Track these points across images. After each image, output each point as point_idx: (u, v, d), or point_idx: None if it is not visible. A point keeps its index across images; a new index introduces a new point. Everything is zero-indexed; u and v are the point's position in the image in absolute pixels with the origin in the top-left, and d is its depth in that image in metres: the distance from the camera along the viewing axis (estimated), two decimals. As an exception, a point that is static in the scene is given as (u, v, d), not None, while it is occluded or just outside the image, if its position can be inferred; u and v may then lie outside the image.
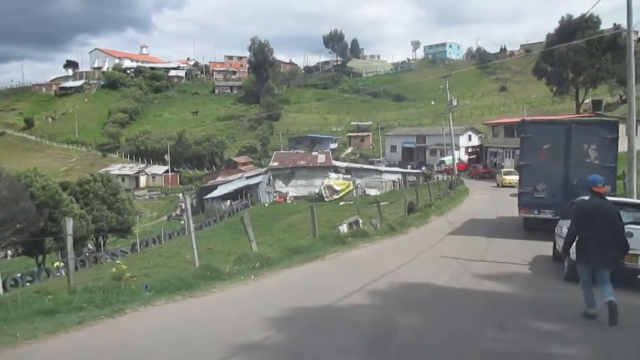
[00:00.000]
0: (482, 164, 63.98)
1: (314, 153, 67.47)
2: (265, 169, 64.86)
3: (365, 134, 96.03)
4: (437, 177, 55.27)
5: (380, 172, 61.13)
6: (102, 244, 38.25)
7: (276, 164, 62.38)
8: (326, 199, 57.13)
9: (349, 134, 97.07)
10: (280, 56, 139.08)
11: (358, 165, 63.18)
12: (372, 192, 59.11)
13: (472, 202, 35.43)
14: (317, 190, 58.89)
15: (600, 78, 71.77)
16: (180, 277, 9.92)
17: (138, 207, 75.42)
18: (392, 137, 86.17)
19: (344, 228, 17.98)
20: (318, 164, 60.96)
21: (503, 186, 48.71)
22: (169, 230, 48.10)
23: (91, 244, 39.35)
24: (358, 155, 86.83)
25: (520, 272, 11.97)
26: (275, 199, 59.39)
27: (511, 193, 44.77)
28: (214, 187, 64.03)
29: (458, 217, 25.84)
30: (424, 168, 67.04)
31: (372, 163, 72.40)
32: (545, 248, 15.89)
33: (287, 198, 59.49)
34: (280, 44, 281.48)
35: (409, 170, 65.28)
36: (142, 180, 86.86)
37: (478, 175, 60.05)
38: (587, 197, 8.81)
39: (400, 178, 60.94)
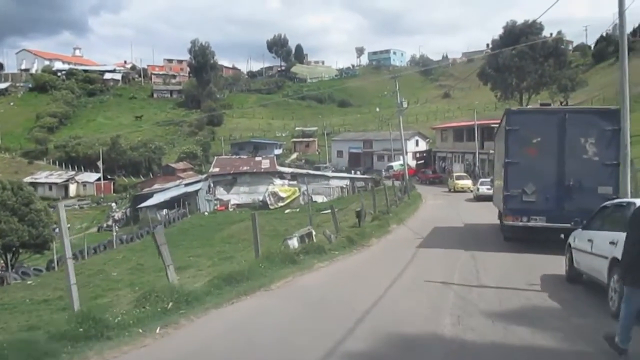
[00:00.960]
0: (431, 169, 61.90)
1: (258, 158, 63.45)
2: (205, 175, 60.20)
3: (311, 139, 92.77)
4: (387, 183, 52.66)
5: (327, 177, 57.79)
6: (10, 261, 32.74)
7: (217, 169, 57.95)
8: (271, 207, 53.24)
9: (294, 140, 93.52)
10: (223, 61, 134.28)
11: (304, 171, 59.64)
12: (320, 198, 55.72)
13: (428, 208, 32.60)
14: (261, 198, 54.91)
15: (544, 84, 71.50)
16: (30, 342, 5.88)
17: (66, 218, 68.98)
18: (338, 142, 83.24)
19: (294, 243, 14.23)
20: (262, 170, 57.00)
21: (455, 191, 46.51)
22: (96, 243, 42.79)
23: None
24: (303, 161, 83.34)
25: (543, 305, 8.60)
26: (216, 207, 54.94)
27: (466, 198, 42.67)
28: (149, 195, 58.70)
29: (420, 225, 22.73)
30: (380, 173, 64.30)
31: (318, 169, 69.12)
32: (544, 264, 12.79)
33: (229, 206, 55.17)
34: (223, 50, 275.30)
35: (357, 175, 62.27)
36: (72, 188, 79.80)
37: (427, 181, 57.82)
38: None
39: (348, 184, 57.84)
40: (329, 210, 42.23)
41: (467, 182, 46.68)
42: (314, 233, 15.82)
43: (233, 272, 10.36)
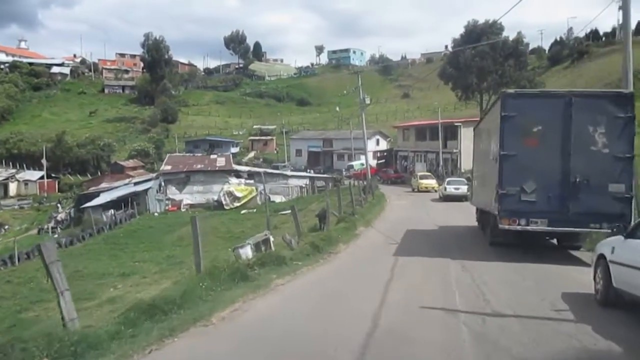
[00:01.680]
0: (392, 169, 59.91)
1: (213, 156, 59.97)
2: (156, 174, 56.29)
3: (269, 137, 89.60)
4: (350, 182, 50.36)
5: (286, 177, 54.91)
6: None
7: (169, 167, 54.19)
8: (226, 207, 49.97)
9: (252, 138, 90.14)
10: (179, 58, 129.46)
11: (262, 170, 56.51)
12: (278, 198, 52.82)
13: (395, 209, 30.28)
14: (216, 197, 51.52)
15: (504, 84, 70.63)
16: None
17: (4, 218, 63.74)
18: (297, 141, 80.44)
19: (247, 252, 11.36)
20: (217, 168, 53.60)
21: (419, 191, 44.57)
22: (29, 247, 38.55)
23: None
24: (261, 159, 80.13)
25: (596, 348, 6.03)
26: (167, 208, 51.20)
27: (431, 198, 40.65)
28: (95, 195, 54.35)
29: (391, 228, 20.31)
30: (340, 173, 61.71)
31: (276, 168, 66.18)
32: (552, 276, 10.57)
33: (181, 206, 51.55)
34: (179, 47, 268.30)
35: (317, 175, 59.65)
36: (12, 187, 73.93)
37: (389, 180, 55.78)
38: None
39: (308, 183, 55.13)
40: (289, 211, 39.54)
41: (432, 182, 44.77)
42: (271, 239, 13.01)
43: (159, 298, 7.46)
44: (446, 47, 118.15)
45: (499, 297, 8.57)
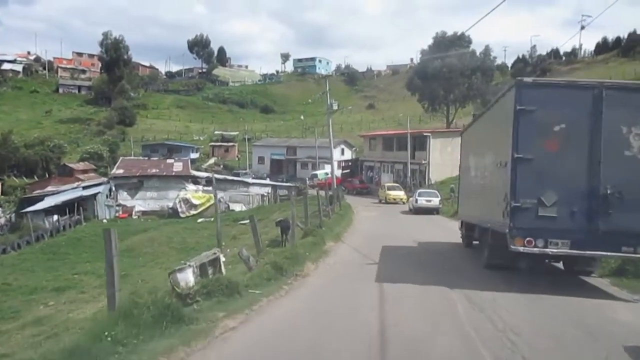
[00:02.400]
0: (358, 179, 57.50)
1: (169, 161, 56.22)
2: (107, 178, 52.19)
3: (231, 144, 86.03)
4: (316, 191, 47.76)
5: (247, 184, 51.72)
6: None
7: (121, 171, 50.28)
8: (182, 215, 46.47)
9: (213, 144, 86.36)
10: (141, 61, 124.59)
11: (221, 176, 53.16)
12: (238, 207, 49.60)
13: (364, 222, 27.66)
14: (171, 204, 47.91)
15: (472, 97, 69.73)
16: None
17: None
18: (259, 148, 77.28)
19: (187, 278, 8.32)
20: (173, 173, 49.99)
21: (387, 202, 42.21)
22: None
23: None
24: (222, 166, 76.55)
25: None
26: (117, 214, 47.24)
27: (401, 210, 38.29)
28: (39, 199, 49.80)
29: (364, 244, 17.67)
30: (304, 182, 58.68)
31: (237, 175, 62.92)
32: (594, 317, 8.00)
33: (133, 213, 47.70)
34: (142, 50, 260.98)
35: (280, 183, 56.67)
36: (-49, 189, 68.08)
37: (354, 191, 53.35)
38: None
39: (270, 192, 52.07)
40: (249, 221, 36.36)
41: (400, 193, 42.50)
42: (222, 259, 10.05)
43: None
44: (411, 59, 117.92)
45: (543, 356, 5.91)
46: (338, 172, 66.69)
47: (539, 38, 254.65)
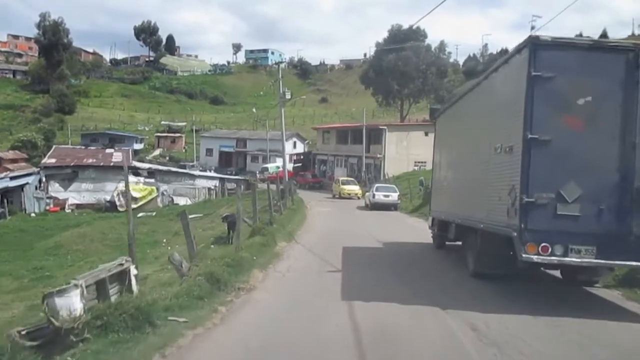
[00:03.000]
0: (311, 173, 55.00)
1: (109, 150, 51.90)
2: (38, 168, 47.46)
3: (178, 135, 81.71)
4: (267, 185, 45.11)
5: (193, 177, 48.23)
6: None
7: (53, 160, 45.76)
8: (120, 209, 42.46)
9: (158, 134, 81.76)
10: (84, 46, 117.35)
11: (165, 168, 49.48)
12: (182, 200, 46.15)
13: (319, 218, 25.15)
14: (109, 197, 43.87)
15: (426, 91, 68.52)
16: None
17: None
18: (208, 140, 73.45)
19: (71, 304, 5.51)
20: (112, 164, 45.85)
21: (341, 197, 39.92)
22: None
23: None
24: (168, 158, 72.38)
25: None
26: (47, 207, 42.84)
27: (357, 205, 35.93)
28: (-41, 190, 44.68)
29: (320, 244, 15.19)
30: (254, 175, 55.53)
31: (184, 167, 59.19)
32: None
33: (66, 206, 43.38)
34: (85, 36, 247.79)
35: (228, 176, 53.43)
36: None
37: (307, 185, 50.88)
38: None
39: (217, 185, 48.84)
40: (194, 215, 32.98)
41: (355, 188, 40.28)
42: (133, 272, 7.19)
43: None
44: (365, 55, 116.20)
45: None
46: (290, 166, 64.12)
47: (490, 37, 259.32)
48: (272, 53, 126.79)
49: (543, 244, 7.37)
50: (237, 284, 8.89)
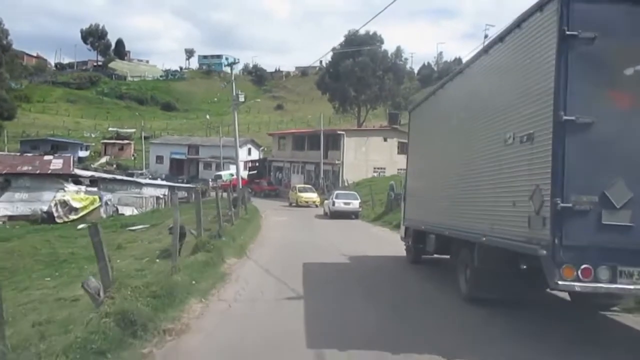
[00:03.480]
0: (266, 180, 52.49)
1: (47, 157, 47.78)
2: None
3: (126, 141, 77.60)
4: (219, 194, 42.40)
5: (140, 185, 44.88)
6: None
7: (-18, 168, 41.45)
8: (59, 220, 38.77)
9: (105, 141, 77.40)
10: (27, 49, 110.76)
11: (109, 176, 45.91)
12: (128, 210, 42.73)
13: (275, 228, 22.79)
14: (45, 208, 40.01)
15: (384, 97, 67.31)
16: None
17: None
18: (158, 146, 69.86)
19: None
20: (50, 171, 41.99)
21: (298, 205, 37.67)
22: None
23: None
24: (115, 165, 68.32)
25: None
26: (-25, 220, 38.64)
27: (315, 214, 33.76)
28: None
29: (278, 260, 12.97)
30: (207, 183, 52.39)
31: (132, 175, 55.56)
32: None
33: (-4, 218, 39.26)
34: (29, 40, 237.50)
35: (179, 184, 50.28)
36: None
37: (262, 193, 48.34)
38: None
39: (167, 194, 45.62)
40: (141, 227, 29.90)
41: (313, 195, 38.11)
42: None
43: None
44: (320, 62, 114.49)
45: None
46: (244, 173, 61.43)
47: (444, 46, 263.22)
48: (227, 59, 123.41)
49: (584, 266, 5.31)
50: (164, 323, 6.46)
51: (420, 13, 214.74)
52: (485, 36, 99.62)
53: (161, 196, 45.13)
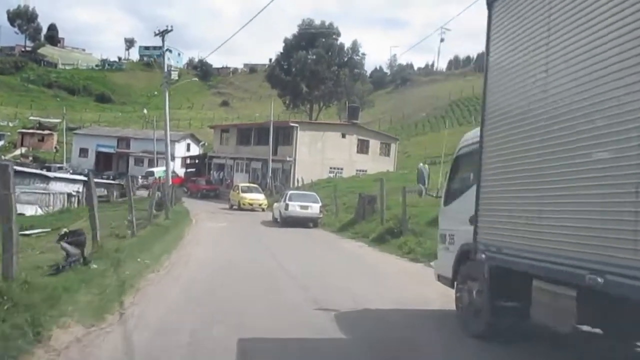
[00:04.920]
0: (205, 179, 44.56)
1: None
2: None
3: (47, 132, 67.27)
4: (142, 194, 34.48)
5: (46, 179, 36.00)
6: None
7: None
8: None
9: (23, 131, 66.77)
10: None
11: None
12: (30, 209, 33.79)
13: (205, 240, 15.41)
14: None
15: (339, 93, 60.76)
16: None
17: None
18: (82, 138, 60.24)
19: None
20: None
21: (241, 208, 30.30)
22: None
23: None
24: (31, 158, 58.26)
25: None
26: None
27: (262, 220, 26.30)
28: None
29: (201, 301, 5.66)
30: (136, 180, 43.55)
31: (49, 169, 46.24)
32: None
33: None
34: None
35: (95, 179, 41.42)
36: None
37: (199, 193, 40.43)
38: None
39: (80, 190, 36.94)
40: (38, 231, 22.68)
41: (259, 197, 30.90)
42: None
43: None
44: (270, 60, 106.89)
45: None
46: (181, 172, 53.22)
47: (397, 49, 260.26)
48: (170, 51, 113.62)
49: None
50: None
51: (372, 22, 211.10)
52: (442, 40, 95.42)
53: (74, 193, 36.42)
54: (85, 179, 40.21)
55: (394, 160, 42.71)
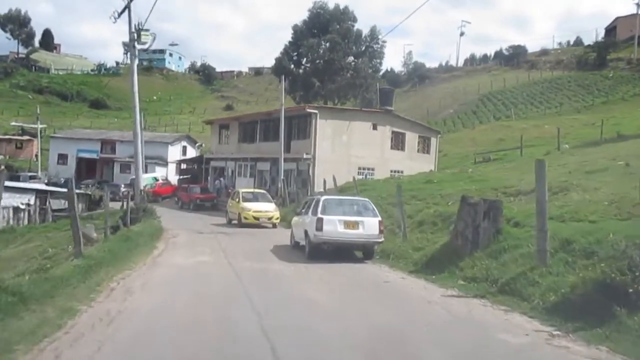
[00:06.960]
0: (199, 186, 34.76)
1: None
2: None
3: (27, 138, 57.94)
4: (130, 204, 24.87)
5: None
6: None
7: None
8: None
9: (-1, 137, 57.53)
10: None
11: None
12: (-38, 230, 24.21)
13: (139, 307, 5.29)
14: None
15: (358, 86, 50.94)
16: None
17: None
18: (60, 142, 50.64)
19: None
20: None
21: (242, 225, 20.50)
22: None
23: None
24: (3, 167, 48.69)
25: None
26: None
27: (276, 244, 15.91)
28: None
29: None
30: (118, 189, 32.96)
31: (18, 179, 36.91)
32: None
33: None
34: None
35: (55, 188, 31.72)
36: None
37: (192, 204, 30.62)
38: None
39: (32, 203, 27.34)
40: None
41: (268, 208, 21.21)
42: None
43: None
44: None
45: None
46: (175, 178, 43.67)
47: (412, 47, 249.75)
48: (171, 55, 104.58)
49: None
50: None
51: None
52: (462, 34, 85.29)
53: (22, 206, 26.71)
54: (39, 187, 30.62)
55: (434, 158, 32.82)
